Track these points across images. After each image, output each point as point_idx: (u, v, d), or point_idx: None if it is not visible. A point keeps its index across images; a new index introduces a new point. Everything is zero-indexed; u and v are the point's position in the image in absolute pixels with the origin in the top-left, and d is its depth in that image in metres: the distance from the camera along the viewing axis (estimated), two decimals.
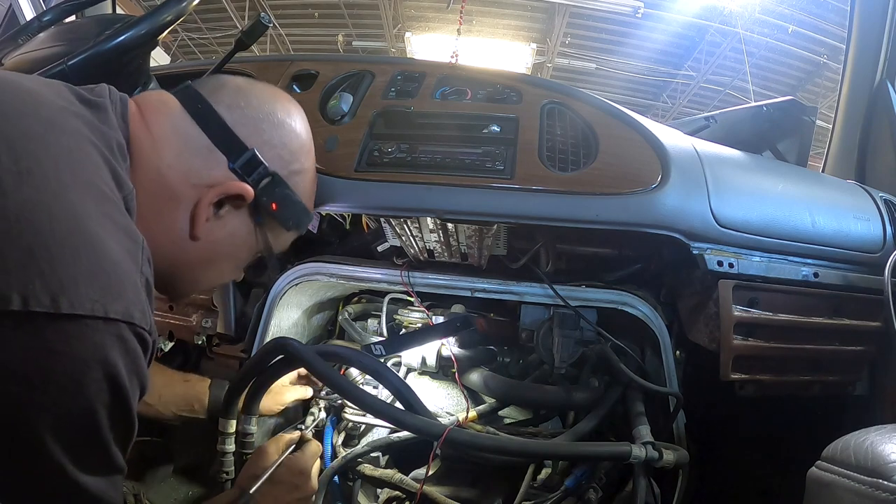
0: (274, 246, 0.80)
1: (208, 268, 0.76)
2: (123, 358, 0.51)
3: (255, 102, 0.74)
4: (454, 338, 1.15)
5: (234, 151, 0.70)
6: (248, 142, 0.71)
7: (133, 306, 0.52)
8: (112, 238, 0.53)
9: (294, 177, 0.77)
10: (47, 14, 1.05)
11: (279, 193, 0.74)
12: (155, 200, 0.66)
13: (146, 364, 0.55)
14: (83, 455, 0.51)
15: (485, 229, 0.99)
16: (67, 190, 0.51)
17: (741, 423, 1.23)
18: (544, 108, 1.03)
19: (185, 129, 0.69)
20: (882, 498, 0.62)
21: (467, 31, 7.09)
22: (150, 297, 0.57)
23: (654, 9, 6.82)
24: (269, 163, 0.72)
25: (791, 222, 1.01)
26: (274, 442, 0.97)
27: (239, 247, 0.76)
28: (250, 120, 0.72)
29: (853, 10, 1.61)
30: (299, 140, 0.78)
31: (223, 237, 0.73)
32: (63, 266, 0.48)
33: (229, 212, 0.72)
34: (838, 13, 6.06)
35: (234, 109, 0.71)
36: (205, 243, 0.71)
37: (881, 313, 1.02)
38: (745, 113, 1.51)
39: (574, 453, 0.97)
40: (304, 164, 0.79)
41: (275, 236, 0.79)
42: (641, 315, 1.03)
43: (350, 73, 1.13)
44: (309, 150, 0.81)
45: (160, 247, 0.66)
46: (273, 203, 0.74)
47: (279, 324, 1.17)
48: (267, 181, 0.72)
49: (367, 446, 1.10)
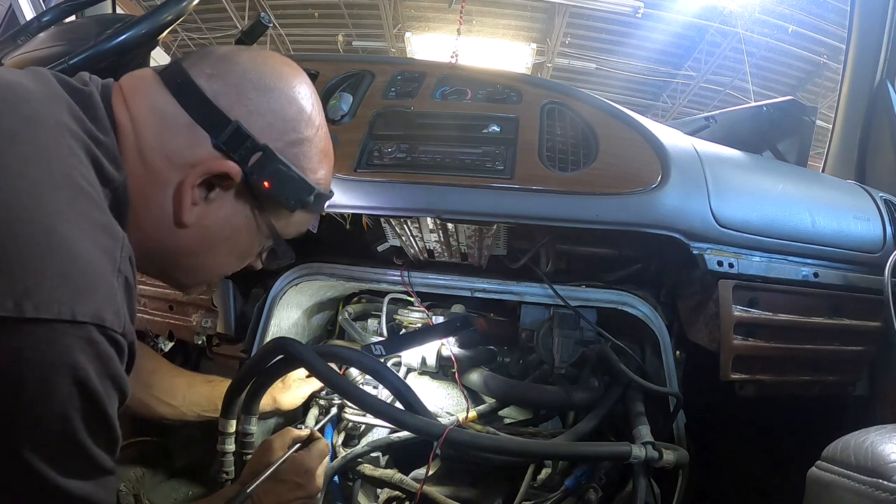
0: (281, 230, 0.71)
1: (205, 257, 0.69)
2: (94, 362, 0.49)
3: (240, 69, 0.65)
4: (454, 338, 1.15)
5: (217, 126, 0.62)
6: (231, 113, 0.63)
7: (104, 308, 0.49)
8: (86, 236, 0.51)
9: (292, 149, 0.67)
10: (47, 14, 1.05)
11: (271, 169, 0.65)
12: (143, 187, 0.62)
13: (123, 366, 0.53)
14: (63, 460, 0.50)
15: (485, 229, 0.99)
16: (37, 188, 0.49)
17: (741, 423, 1.23)
18: (544, 108, 1.03)
19: (163, 107, 0.63)
20: (882, 498, 0.62)
21: (467, 31, 7.10)
22: (129, 296, 0.54)
23: (654, 9, 6.82)
24: (258, 135, 0.64)
25: (791, 222, 1.01)
26: (280, 437, 0.95)
27: (237, 233, 0.69)
28: (233, 88, 0.64)
29: (853, 10, 1.61)
30: (296, 106, 0.68)
31: (217, 223, 0.66)
32: (28, 268, 0.46)
33: (220, 195, 0.65)
34: (838, 13, 6.06)
35: (214, 79, 0.64)
36: (197, 230, 0.65)
37: (881, 313, 1.02)
38: (745, 113, 1.51)
39: (574, 453, 0.97)
40: (304, 133, 0.68)
41: (279, 219, 0.70)
42: (641, 315, 1.03)
43: (350, 73, 1.13)
44: (311, 117, 0.70)
45: (154, 236, 0.64)
46: (265, 181, 0.65)
47: (279, 324, 1.16)
48: (258, 156, 0.64)
49: (367, 446, 1.10)
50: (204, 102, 0.63)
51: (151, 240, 0.64)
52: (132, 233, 0.60)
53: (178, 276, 0.72)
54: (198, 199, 0.64)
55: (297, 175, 0.68)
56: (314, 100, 0.71)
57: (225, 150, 0.63)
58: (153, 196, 0.62)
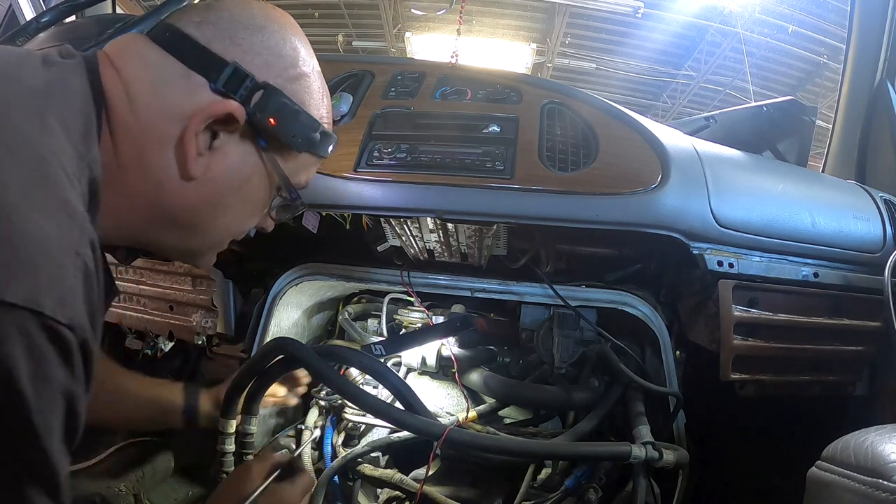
0: (291, 175, 0.68)
1: (219, 212, 0.66)
2: (25, 359, 0.40)
3: (227, 14, 0.63)
4: (454, 338, 1.15)
5: (213, 69, 0.60)
6: (227, 55, 0.61)
7: (46, 292, 0.41)
8: (38, 211, 0.44)
9: (292, 84, 0.65)
10: (47, 14, 1.05)
11: (275, 105, 0.62)
12: (141, 152, 0.59)
13: (71, 368, 0.44)
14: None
15: (485, 229, 0.99)
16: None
17: (741, 423, 1.23)
18: (544, 108, 1.03)
19: (155, 62, 0.60)
20: (882, 498, 0.62)
21: (467, 31, 7.09)
22: (88, 285, 0.46)
23: (654, 9, 6.82)
24: (257, 73, 0.62)
25: (791, 222, 1.01)
26: (260, 462, 0.86)
27: (247, 181, 0.65)
28: (224, 32, 0.62)
29: (853, 10, 1.61)
30: (290, 43, 0.66)
31: (225, 172, 0.63)
32: None
33: (226, 141, 0.62)
34: (838, 13, 6.06)
35: (204, 26, 0.62)
36: (205, 182, 0.62)
37: (881, 313, 1.02)
38: (745, 113, 1.51)
39: (574, 453, 0.97)
40: (302, 68, 0.67)
41: (287, 161, 0.67)
42: (641, 315, 1.04)
43: (350, 73, 1.13)
44: (307, 53, 0.68)
45: (159, 200, 0.60)
46: (270, 118, 0.62)
47: (279, 324, 1.17)
48: (259, 95, 0.62)
49: (367, 446, 1.10)
50: (197, 49, 0.60)
51: (156, 206, 0.61)
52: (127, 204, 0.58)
53: (189, 241, 0.67)
54: (202, 149, 0.60)
55: (301, 109, 0.66)
56: (306, 41, 0.69)
57: (225, 93, 0.60)
58: (153, 157, 0.59)
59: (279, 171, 0.66)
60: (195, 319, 1.19)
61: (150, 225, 0.62)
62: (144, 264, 1.21)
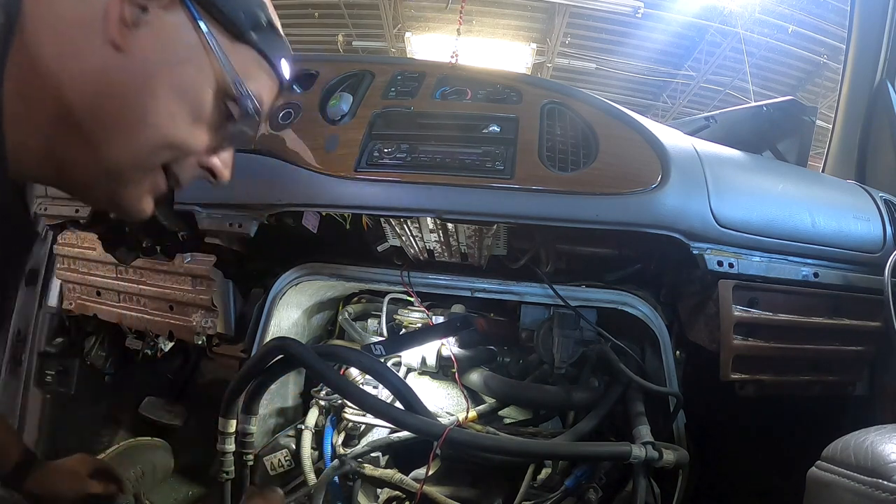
0: (236, 65, 0.59)
1: (147, 96, 0.55)
2: None
3: None
4: (454, 338, 1.15)
5: None
6: None
7: None
8: None
9: None
10: None
11: None
12: (63, 33, 0.51)
13: None
14: None
15: (485, 229, 0.99)
16: None
17: (741, 423, 1.23)
18: (544, 108, 1.03)
19: None
20: (882, 498, 0.62)
21: (467, 31, 7.09)
22: None
23: (654, 9, 6.82)
24: None
25: (791, 222, 1.01)
26: None
27: (183, 65, 0.57)
28: None
29: (853, 10, 1.61)
30: None
31: (157, 48, 0.55)
32: None
33: (158, 15, 0.55)
34: (838, 13, 6.07)
35: None
36: (135, 58, 0.53)
37: (881, 313, 1.02)
38: (745, 113, 1.51)
39: (574, 453, 0.97)
40: None
41: (229, 46, 0.59)
42: (641, 315, 1.04)
43: (350, 73, 1.13)
44: None
45: (79, 80, 0.52)
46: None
47: (279, 324, 1.17)
48: None
49: (367, 446, 1.10)
50: None
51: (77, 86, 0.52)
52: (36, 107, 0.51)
53: (108, 150, 0.56)
54: (128, 19, 0.53)
55: None
56: None
57: None
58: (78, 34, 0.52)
59: (221, 57, 0.58)
60: (195, 319, 1.19)
61: (61, 131, 0.53)
62: (144, 264, 1.21)
